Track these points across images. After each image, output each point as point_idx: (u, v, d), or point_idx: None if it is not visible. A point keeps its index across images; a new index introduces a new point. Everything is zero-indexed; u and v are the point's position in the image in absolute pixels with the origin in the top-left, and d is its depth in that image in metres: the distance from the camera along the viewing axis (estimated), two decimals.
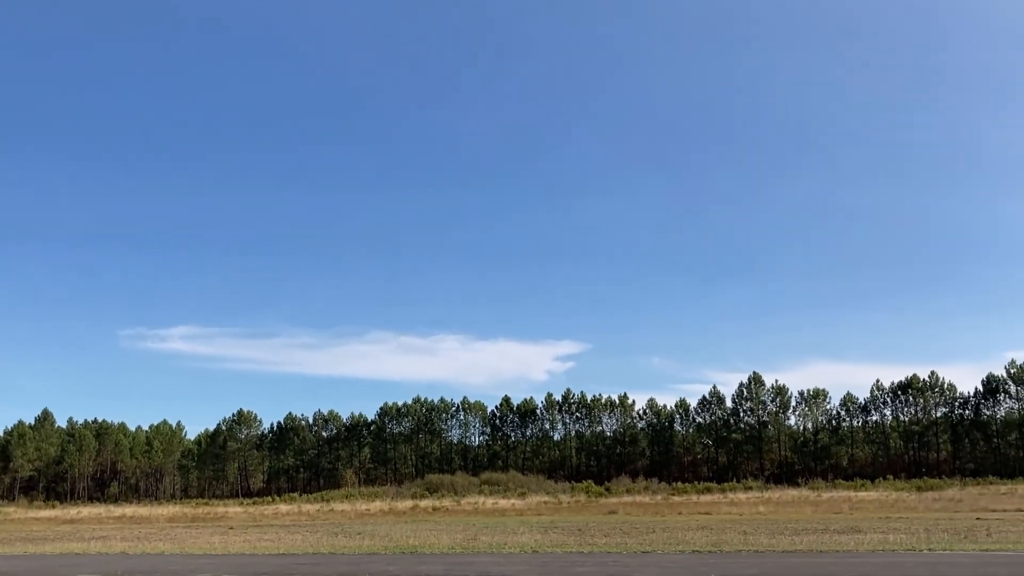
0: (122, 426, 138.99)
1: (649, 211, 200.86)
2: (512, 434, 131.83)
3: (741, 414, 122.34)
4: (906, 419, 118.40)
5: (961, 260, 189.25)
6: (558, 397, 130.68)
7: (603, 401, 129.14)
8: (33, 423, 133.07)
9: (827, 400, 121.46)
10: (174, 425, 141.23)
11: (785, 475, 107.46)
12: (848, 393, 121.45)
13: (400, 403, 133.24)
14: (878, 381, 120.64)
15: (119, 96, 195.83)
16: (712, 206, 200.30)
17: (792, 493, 69.97)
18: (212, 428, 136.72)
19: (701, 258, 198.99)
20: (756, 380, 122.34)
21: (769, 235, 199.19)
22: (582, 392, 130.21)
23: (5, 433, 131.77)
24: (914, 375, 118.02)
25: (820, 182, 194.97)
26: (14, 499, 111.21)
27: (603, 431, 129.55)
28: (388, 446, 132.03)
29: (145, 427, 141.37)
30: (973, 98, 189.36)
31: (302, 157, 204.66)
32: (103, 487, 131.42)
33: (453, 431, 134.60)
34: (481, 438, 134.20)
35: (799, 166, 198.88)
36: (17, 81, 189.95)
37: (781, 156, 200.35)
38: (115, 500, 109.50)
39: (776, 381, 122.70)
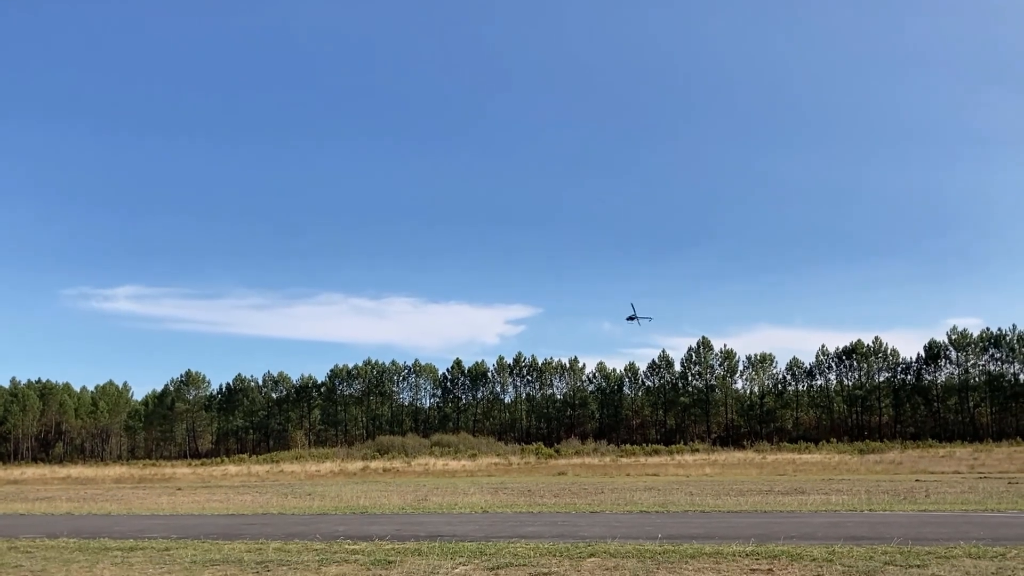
0: (67, 386, 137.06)
1: (602, 178, 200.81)
2: (463, 396, 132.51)
3: (689, 378, 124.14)
4: (850, 384, 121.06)
5: (906, 228, 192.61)
6: (509, 360, 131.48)
7: (554, 364, 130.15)
8: None
9: (773, 365, 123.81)
10: (120, 386, 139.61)
11: (731, 438, 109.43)
12: (794, 358, 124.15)
13: (351, 365, 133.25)
14: (823, 346, 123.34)
15: (67, 49, 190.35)
16: (663, 173, 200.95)
17: (738, 455, 71.30)
18: (160, 389, 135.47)
19: (652, 224, 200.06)
20: (705, 345, 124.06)
21: (717, 202, 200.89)
22: (533, 355, 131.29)
23: None
24: (858, 341, 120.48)
25: (766, 150, 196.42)
26: None
27: (553, 394, 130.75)
28: (339, 408, 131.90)
29: (91, 388, 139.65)
30: (911, 66, 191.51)
31: (249, 112, 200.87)
32: (47, 448, 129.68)
33: (404, 393, 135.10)
34: (432, 400, 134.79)
35: (746, 133, 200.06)
36: None
37: (730, 123, 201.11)
38: (60, 461, 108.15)
39: (724, 346, 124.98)
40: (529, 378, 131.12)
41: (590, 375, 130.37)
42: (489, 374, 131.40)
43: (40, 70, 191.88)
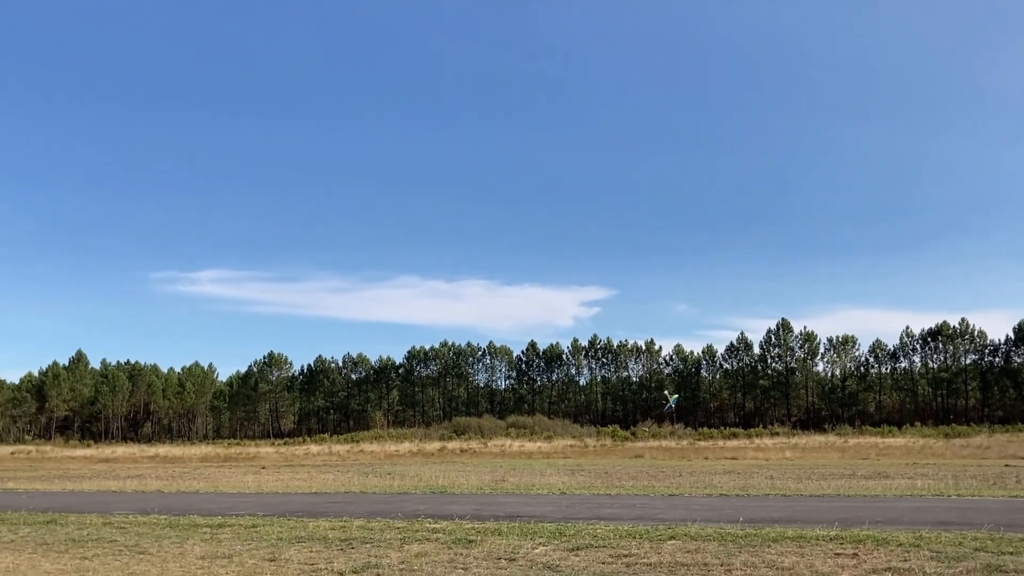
0: (154, 368, 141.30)
1: (678, 155, 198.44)
2: (538, 378, 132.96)
3: (769, 360, 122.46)
4: (935, 366, 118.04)
5: (993, 205, 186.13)
6: (584, 342, 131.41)
7: (629, 347, 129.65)
8: (67, 364, 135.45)
9: (856, 347, 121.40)
10: (206, 367, 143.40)
11: (812, 421, 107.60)
12: (877, 340, 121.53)
13: (427, 347, 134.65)
14: (908, 328, 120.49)
15: (151, 35, 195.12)
16: (743, 149, 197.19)
17: (819, 439, 70.07)
18: (243, 370, 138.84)
19: (730, 201, 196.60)
20: (784, 327, 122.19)
21: (799, 179, 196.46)
22: (608, 338, 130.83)
23: (40, 374, 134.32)
24: (944, 322, 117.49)
25: (850, 124, 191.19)
26: (50, 439, 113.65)
27: (629, 376, 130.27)
28: (416, 389, 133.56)
29: (177, 369, 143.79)
30: (992, 34, 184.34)
31: (329, 94, 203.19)
32: (136, 427, 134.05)
33: (479, 375, 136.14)
34: (507, 382, 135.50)
35: (831, 106, 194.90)
36: (49, 25, 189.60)
37: (813, 95, 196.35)
38: (148, 440, 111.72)
39: (804, 327, 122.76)
40: (604, 360, 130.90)
41: (667, 357, 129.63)
42: (564, 356, 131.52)
43: (127, 50, 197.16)
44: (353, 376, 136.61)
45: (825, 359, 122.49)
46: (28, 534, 17.68)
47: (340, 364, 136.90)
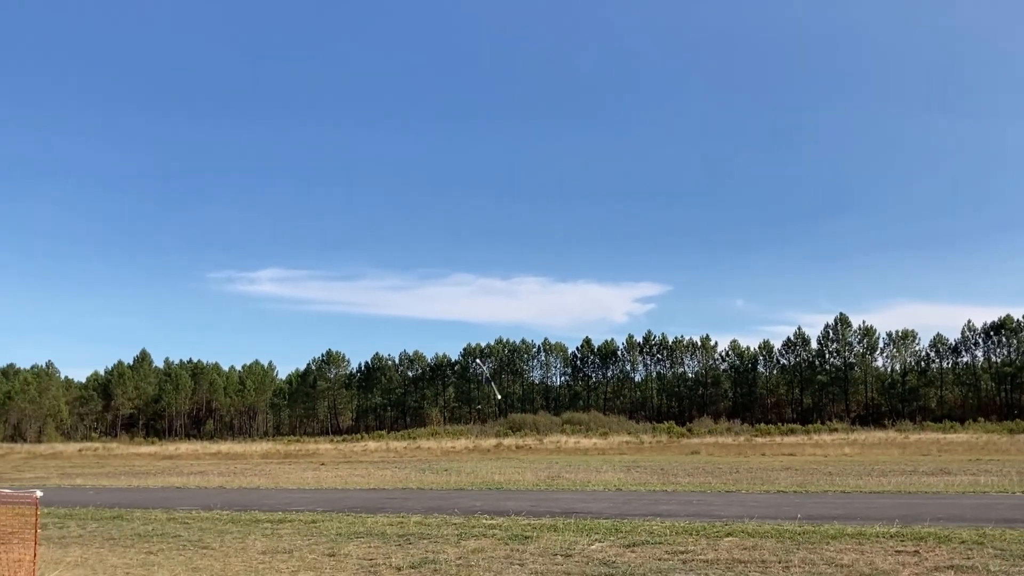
0: (216, 366, 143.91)
1: (734, 151, 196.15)
2: (593, 375, 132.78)
3: (827, 356, 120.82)
4: (998, 360, 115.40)
5: None
6: (639, 339, 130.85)
7: (684, 342, 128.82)
8: (132, 363, 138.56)
9: (916, 341, 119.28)
10: (265, 365, 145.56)
11: (871, 417, 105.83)
12: (938, 334, 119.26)
13: (483, 344, 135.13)
14: (969, 322, 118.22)
15: (205, 38, 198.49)
16: (802, 144, 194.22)
17: (879, 435, 68.95)
18: (302, 368, 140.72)
19: (785, 194, 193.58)
20: (843, 321, 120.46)
21: (857, 173, 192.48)
22: (663, 334, 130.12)
23: (106, 373, 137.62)
24: (1007, 315, 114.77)
25: (923, 119, 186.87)
26: (116, 436, 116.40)
27: (684, 372, 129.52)
28: (471, 386, 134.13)
29: (238, 367, 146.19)
30: None
31: (386, 98, 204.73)
32: (199, 424, 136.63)
33: (534, 371, 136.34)
34: (562, 379, 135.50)
35: (903, 102, 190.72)
36: (122, 35, 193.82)
37: (883, 91, 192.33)
38: (211, 437, 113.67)
39: (863, 322, 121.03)
40: (659, 356, 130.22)
41: (722, 353, 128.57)
42: (619, 352, 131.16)
43: (184, 52, 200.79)
44: (409, 373, 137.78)
45: (884, 354, 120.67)
46: (96, 529, 18.19)
47: (397, 361, 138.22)
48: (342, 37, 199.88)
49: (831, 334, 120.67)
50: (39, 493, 11.54)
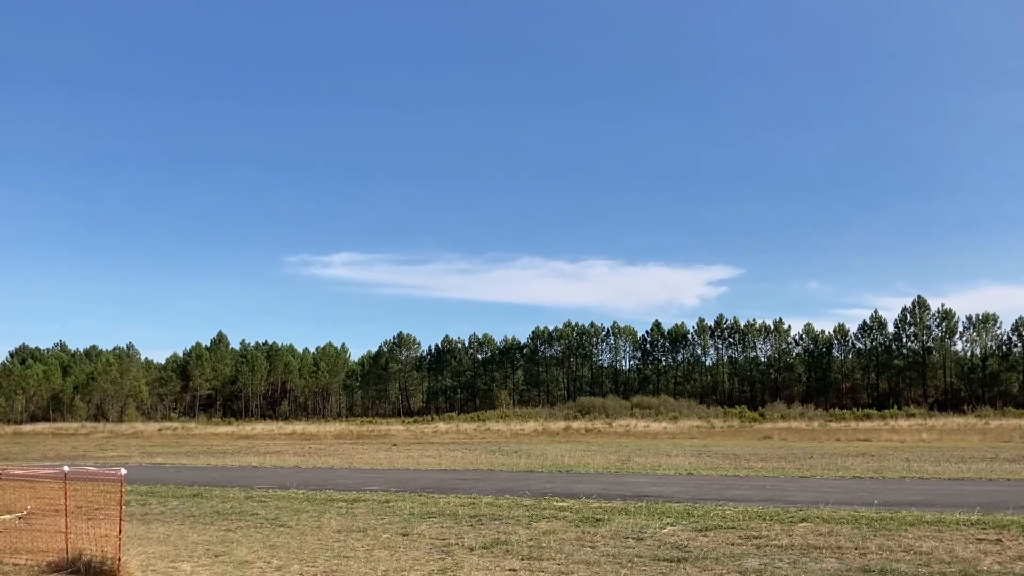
0: (290, 348, 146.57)
1: (809, 131, 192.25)
2: (663, 359, 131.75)
3: (904, 340, 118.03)
4: None
5: None
6: (710, 322, 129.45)
7: (757, 326, 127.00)
8: (209, 345, 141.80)
9: (997, 325, 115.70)
10: (339, 347, 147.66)
11: (950, 402, 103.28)
12: (1020, 317, 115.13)
13: (551, 327, 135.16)
14: None
15: (286, 39, 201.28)
16: (873, 124, 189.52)
17: (958, 421, 67.31)
18: (374, 350, 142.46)
19: (859, 175, 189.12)
20: (921, 304, 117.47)
21: (934, 154, 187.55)
22: (735, 317, 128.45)
23: (184, 354, 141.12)
24: None
25: (999, 97, 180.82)
26: (194, 416, 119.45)
27: (757, 356, 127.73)
28: (540, 369, 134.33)
29: (312, 349, 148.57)
30: None
31: (456, 86, 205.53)
32: (274, 405, 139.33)
33: (603, 355, 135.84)
34: (631, 362, 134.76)
35: (959, 74, 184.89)
36: (194, 29, 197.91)
37: (941, 64, 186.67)
38: (285, 418, 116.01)
39: (942, 305, 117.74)
40: (731, 340, 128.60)
41: (796, 337, 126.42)
42: (689, 336, 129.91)
43: (259, 44, 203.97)
44: (479, 356, 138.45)
45: (964, 338, 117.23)
46: (176, 506, 18.74)
47: (466, 344, 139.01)
48: (417, 26, 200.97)
49: (908, 317, 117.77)
50: (123, 471, 11.93)
